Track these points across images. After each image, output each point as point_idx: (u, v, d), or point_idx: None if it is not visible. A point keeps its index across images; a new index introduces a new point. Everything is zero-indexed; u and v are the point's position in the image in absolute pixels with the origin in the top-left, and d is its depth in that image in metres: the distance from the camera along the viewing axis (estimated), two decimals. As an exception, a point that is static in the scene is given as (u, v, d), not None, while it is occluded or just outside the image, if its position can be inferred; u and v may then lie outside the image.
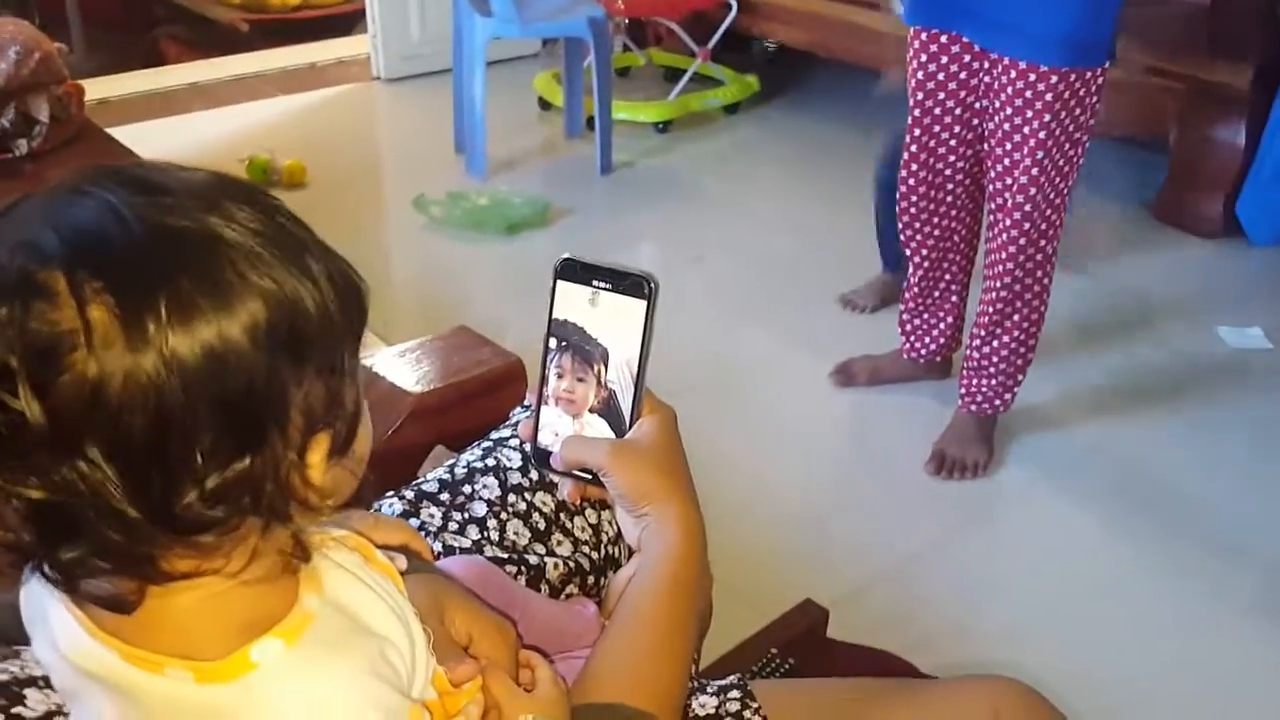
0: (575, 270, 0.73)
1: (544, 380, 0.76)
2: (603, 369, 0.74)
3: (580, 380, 0.74)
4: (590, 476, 0.75)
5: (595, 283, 0.73)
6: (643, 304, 0.72)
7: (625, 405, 0.74)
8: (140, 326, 0.48)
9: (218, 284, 0.50)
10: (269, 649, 0.55)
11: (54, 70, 2.32)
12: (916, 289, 2.17)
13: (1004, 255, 1.91)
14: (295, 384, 0.52)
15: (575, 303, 0.73)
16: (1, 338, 0.47)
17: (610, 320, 0.73)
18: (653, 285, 0.72)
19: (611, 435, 0.75)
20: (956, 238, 2.08)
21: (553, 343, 0.75)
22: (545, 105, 3.79)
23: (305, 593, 0.58)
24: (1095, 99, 1.79)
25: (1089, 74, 1.75)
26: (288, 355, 0.52)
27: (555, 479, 0.89)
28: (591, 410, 0.75)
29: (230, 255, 0.51)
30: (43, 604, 0.57)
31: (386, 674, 0.58)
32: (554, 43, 4.01)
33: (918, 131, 1.95)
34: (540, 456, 0.77)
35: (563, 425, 0.76)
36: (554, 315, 0.74)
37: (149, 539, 0.51)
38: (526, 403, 0.77)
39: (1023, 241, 1.88)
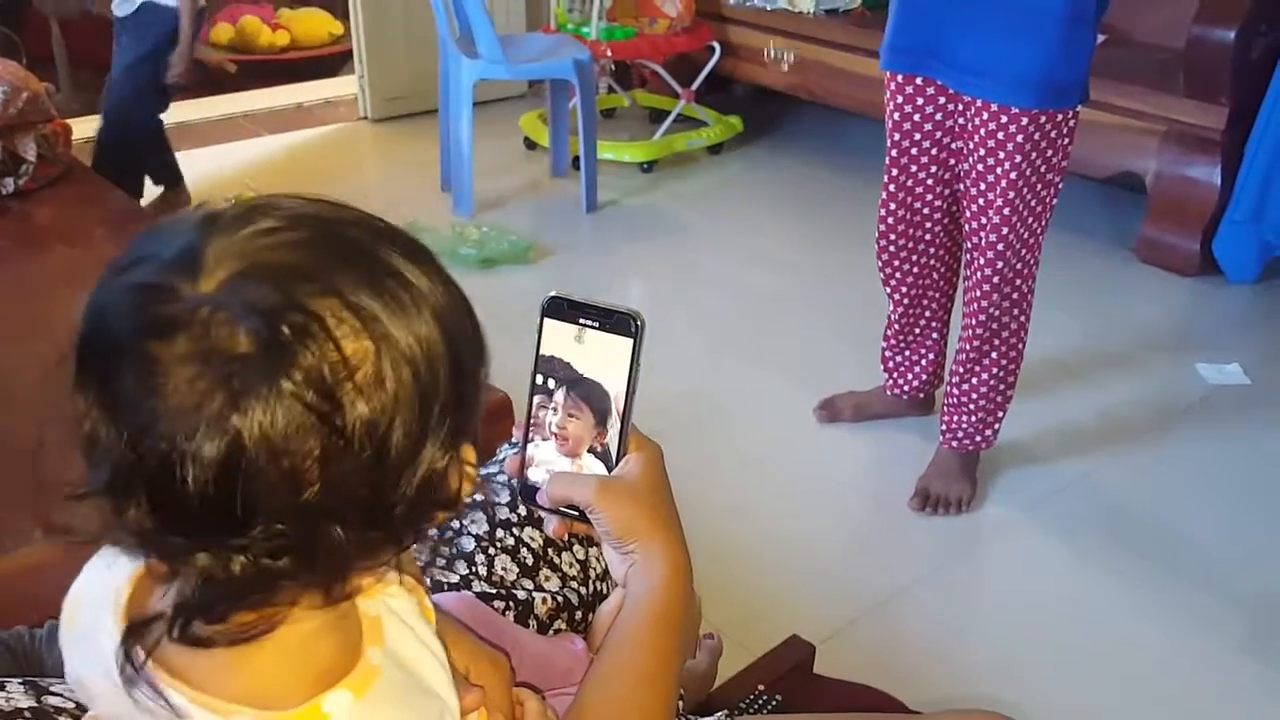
0: (562, 308, 0.73)
1: (530, 416, 0.76)
2: (607, 408, 0.74)
3: (572, 417, 0.74)
4: (577, 513, 0.75)
5: (582, 320, 0.73)
6: (629, 342, 0.72)
7: (612, 442, 0.74)
8: (393, 350, 0.51)
9: (401, 284, 0.52)
10: (340, 700, 0.55)
11: (41, 109, 2.34)
12: (897, 326, 2.19)
13: (980, 293, 1.93)
14: (475, 392, 0.56)
15: (562, 340, 0.74)
16: (309, 369, 0.48)
17: (597, 358, 0.73)
18: (639, 323, 0.72)
19: (600, 472, 0.75)
20: (935, 275, 2.10)
21: (539, 379, 0.75)
22: (531, 145, 3.83)
23: (368, 646, 0.59)
24: (1067, 140, 1.82)
25: (1060, 115, 1.78)
26: (468, 354, 0.55)
27: (542, 515, 0.89)
28: (589, 452, 0.75)
29: (395, 251, 0.54)
30: (95, 627, 0.55)
31: None
32: (540, 84, 4.05)
33: (895, 171, 1.98)
34: (527, 492, 0.77)
35: (552, 461, 0.76)
36: (541, 352, 0.74)
37: (363, 554, 0.52)
38: (514, 439, 0.77)
39: (997, 280, 1.90)
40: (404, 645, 0.61)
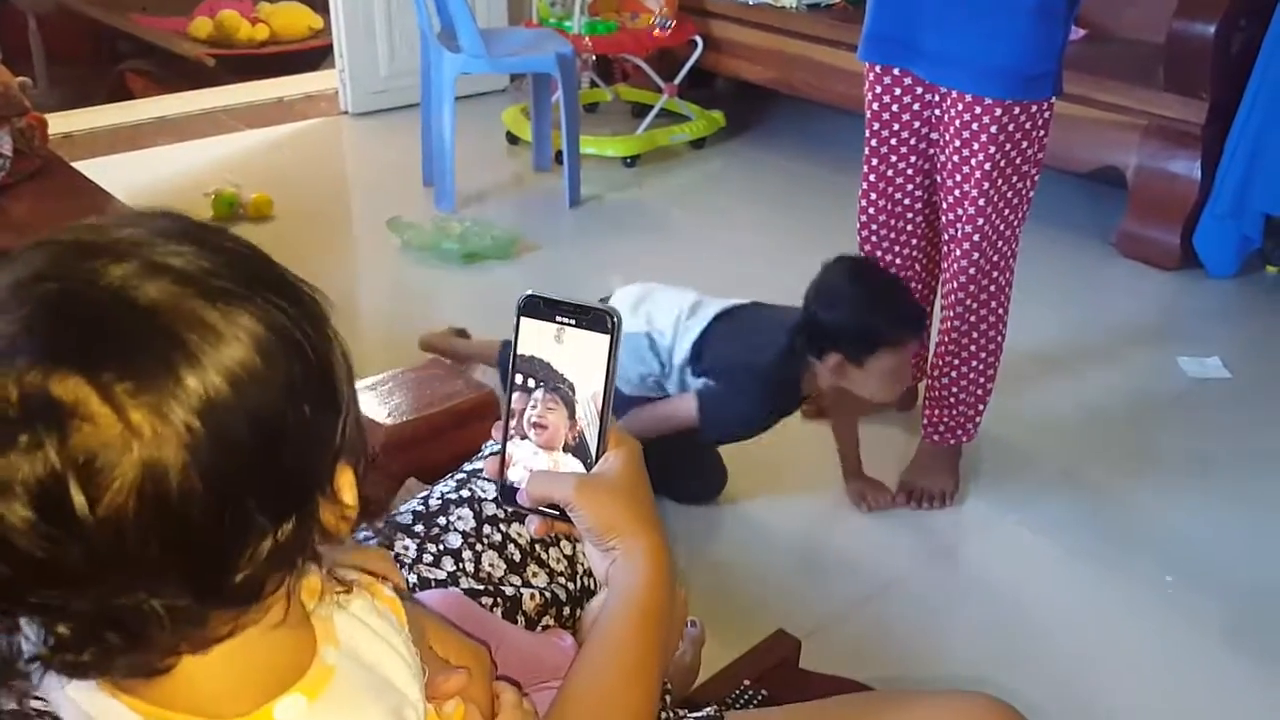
0: (538, 306, 0.73)
1: (508, 416, 0.75)
2: (575, 403, 0.74)
3: (550, 409, 0.74)
4: (558, 512, 0.75)
5: (559, 318, 0.73)
6: (606, 338, 0.72)
7: (591, 440, 0.74)
8: (166, 412, 0.46)
9: (212, 338, 0.48)
10: (292, 707, 0.55)
11: (15, 103, 2.31)
12: (882, 320, 2.19)
13: (957, 285, 1.94)
14: (319, 429, 0.52)
15: (539, 338, 0.73)
16: (38, 460, 0.45)
17: (574, 355, 0.73)
18: (615, 320, 0.72)
19: (579, 470, 0.75)
20: (918, 266, 2.11)
21: (518, 379, 0.74)
22: (513, 140, 3.81)
23: (323, 646, 0.58)
24: (1042, 132, 1.83)
25: (1034, 107, 1.79)
26: (313, 400, 0.51)
27: (523, 515, 0.89)
28: (564, 449, 0.75)
29: (208, 305, 0.49)
30: None
31: None
32: (522, 78, 4.03)
33: (875, 161, 1.99)
34: (507, 493, 0.77)
35: (532, 460, 0.76)
36: (518, 351, 0.74)
37: (199, 619, 0.50)
38: (496, 439, 0.77)
39: (973, 272, 1.91)
40: (360, 642, 0.60)
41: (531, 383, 0.74)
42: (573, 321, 0.72)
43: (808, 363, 1.83)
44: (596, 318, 0.72)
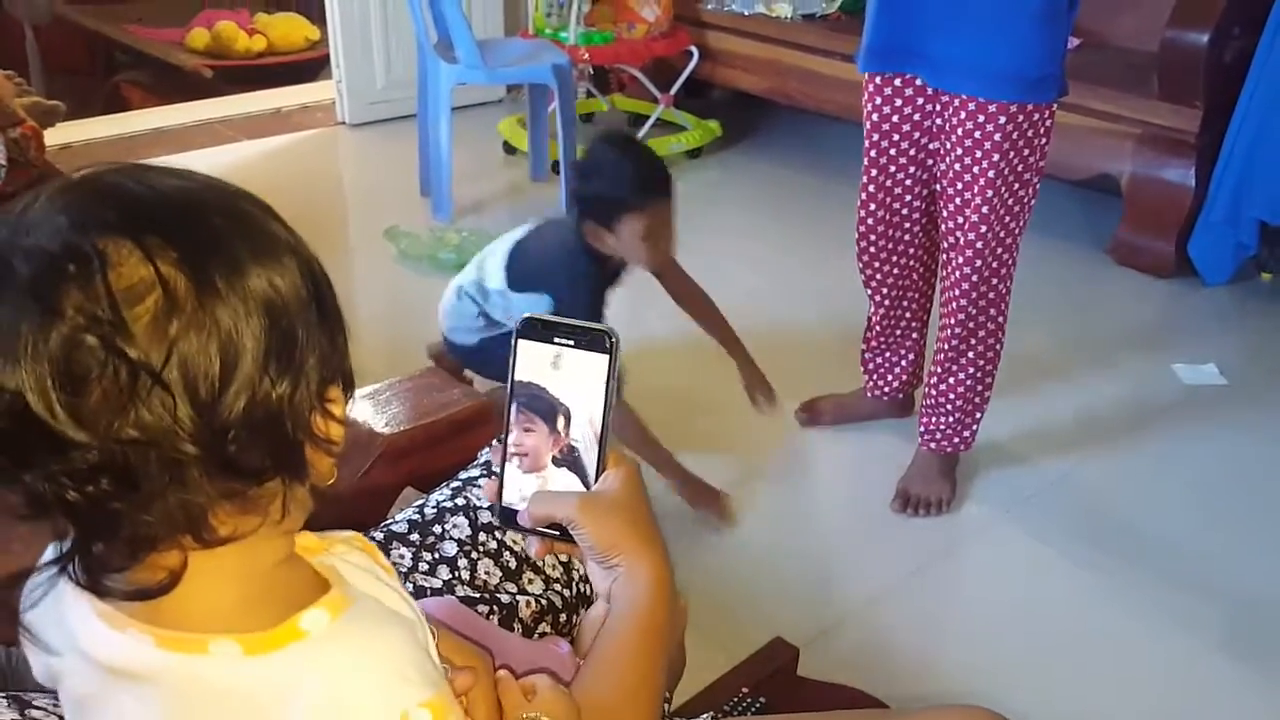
0: (536, 328, 0.73)
1: (506, 439, 0.75)
2: (563, 421, 0.74)
3: (528, 431, 0.74)
4: (558, 532, 0.75)
5: (556, 340, 0.72)
6: (604, 359, 0.72)
7: (590, 460, 0.74)
8: (208, 278, 0.52)
9: (257, 237, 0.55)
10: (317, 618, 0.57)
11: (8, 113, 2.31)
12: (878, 328, 2.20)
13: (958, 293, 1.94)
14: (317, 330, 0.56)
15: (537, 361, 0.73)
16: (88, 298, 0.49)
17: (573, 376, 0.73)
18: (614, 340, 0.72)
19: (573, 485, 0.75)
20: (915, 275, 2.12)
21: (521, 402, 0.74)
22: (510, 150, 3.82)
23: (334, 588, 0.61)
24: (1045, 140, 1.84)
25: (1038, 113, 1.80)
26: (313, 302, 0.56)
27: (522, 538, 0.89)
28: (555, 463, 0.75)
29: (256, 215, 0.57)
30: (58, 609, 0.58)
31: (424, 648, 0.62)
32: (518, 89, 4.05)
33: (874, 172, 1.99)
34: (506, 516, 0.77)
35: (528, 484, 0.76)
36: (516, 375, 0.74)
37: (200, 487, 0.52)
38: (495, 446, 0.77)
39: (975, 279, 1.91)
40: (366, 586, 0.63)
41: (526, 404, 0.74)
42: (571, 342, 0.72)
43: (585, 234, 1.92)
44: (595, 338, 0.72)
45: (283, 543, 0.60)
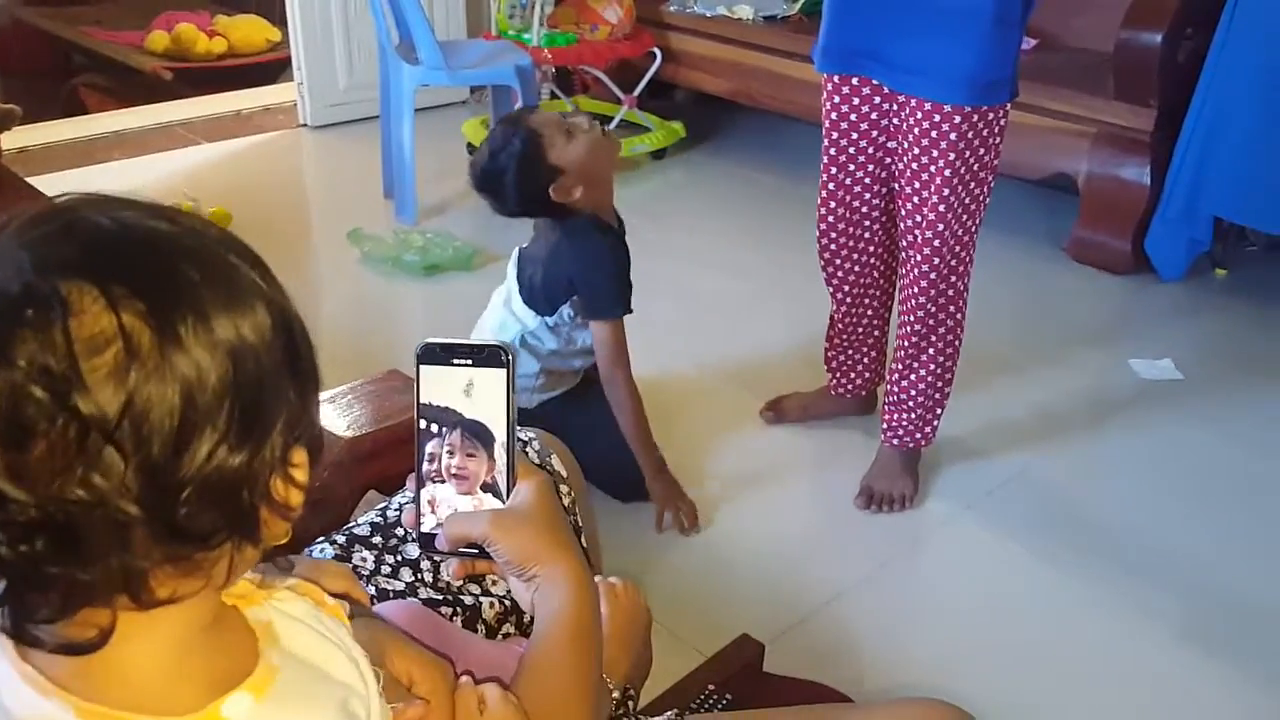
0: (435, 352, 0.75)
1: (420, 465, 0.77)
2: (497, 447, 0.76)
3: (471, 456, 0.76)
4: (476, 550, 0.77)
5: (455, 361, 0.75)
6: (503, 373, 0.75)
7: (501, 476, 0.77)
8: (172, 332, 0.49)
9: (229, 287, 0.52)
10: (240, 704, 0.55)
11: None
12: (840, 325, 2.22)
13: (916, 290, 1.96)
14: (287, 389, 0.54)
15: (441, 384, 0.75)
16: (43, 347, 0.47)
17: (481, 399, 0.75)
18: (509, 355, 0.75)
19: (495, 506, 0.77)
20: (876, 274, 2.14)
21: (432, 427, 0.76)
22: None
23: (265, 648, 0.59)
24: (999, 139, 1.86)
25: (991, 114, 1.82)
26: (285, 360, 0.54)
27: (440, 560, 0.91)
28: (483, 488, 0.77)
29: (229, 262, 0.54)
30: None
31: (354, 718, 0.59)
32: (482, 90, 4.04)
33: (834, 170, 2.01)
34: (425, 540, 0.79)
35: (455, 502, 0.78)
36: (421, 400, 0.76)
37: (144, 551, 0.50)
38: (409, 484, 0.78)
39: (933, 276, 1.94)
40: (302, 642, 0.61)
41: (442, 428, 0.76)
42: (469, 361, 0.75)
43: (555, 198, 1.90)
44: (491, 354, 0.75)
45: (215, 602, 0.57)
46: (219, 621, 0.57)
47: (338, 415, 1.29)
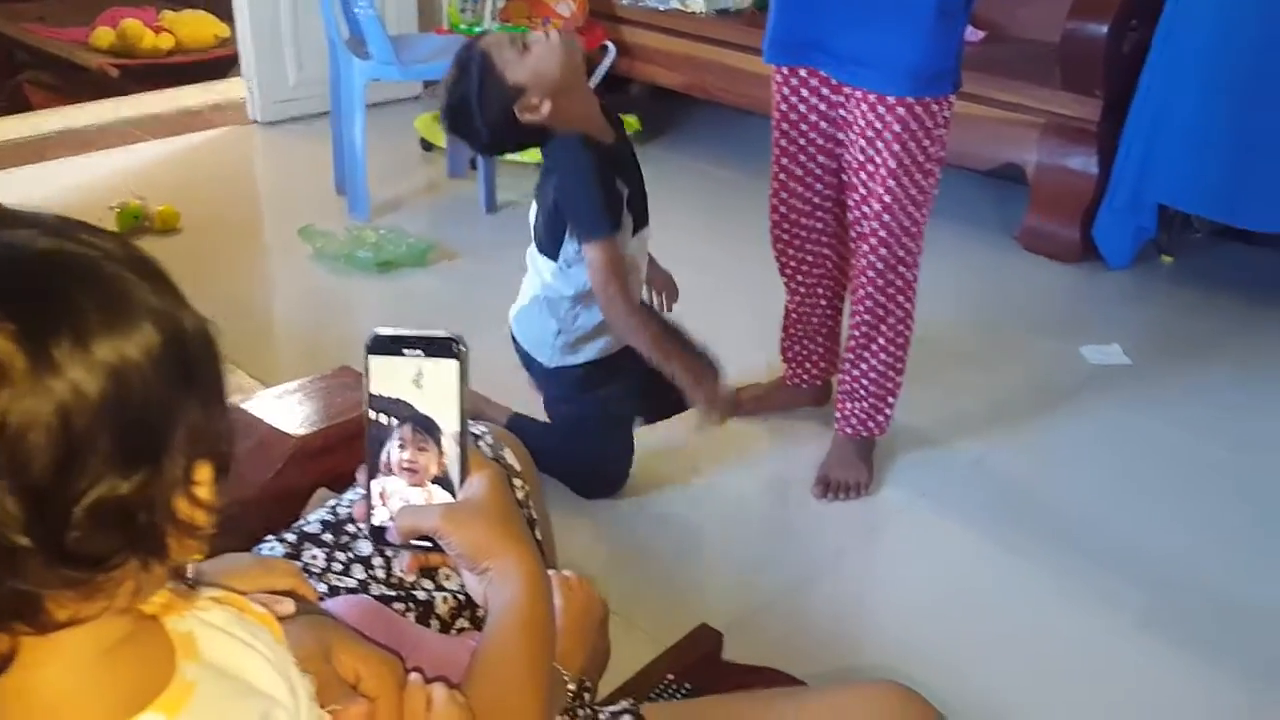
0: (385, 343, 0.74)
1: (370, 457, 0.76)
2: (446, 439, 0.75)
3: (422, 450, 0.75)
4: (429, 543, 0.76)
5: (406, 351, 0.74)
6: (455, 364, 0.74)
7: (454, 468, 0.76)
8: (45, 354, 0.47)
9: (113, 306, 0.50)
10: None
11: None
12: (794, 315, 2.23)
13: (864, 280, 1.98)
14: (183, 407, 0.52)
15: (391, 375, 0.74)
16: None
17: (431, 390, 0.74)
18: (461, 346, 0.73)
19: (446, 498, 0.76)
20: (829, 264, 2.15)
21: (382, 419, 0.75)
22: (428, 146, 3.79)
23: (182, 661, 0.57)
24: (944, 130, 1.88)
25: (935, 105, 1.84)
26: (180, 376, 0.52)
27: (393, 554, 0.90)
28: (433, 481, 0.76)
29: (118, 278, 0.51)
30: None
31: None
32: (434, 84, 4.00)
33: (785, 161, 2.03)
34: (376, 534, 0.78)
35: (407, 496, 0.77)
36: (371, 391, 0.75)
37: (37, 576, 0.48)
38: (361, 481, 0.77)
39: (881, 267, 1.96)
40: (224, 653, 0.59)
41: (392, 420, 0.75)
42: (420, 352, 0.74)
43: (522, 118, 1.79)
44: (441, 345, 0.73)
45: (129, 616, 0.55)
46: (133, 637, 0.55)
47: (288, 412, 1.28)
